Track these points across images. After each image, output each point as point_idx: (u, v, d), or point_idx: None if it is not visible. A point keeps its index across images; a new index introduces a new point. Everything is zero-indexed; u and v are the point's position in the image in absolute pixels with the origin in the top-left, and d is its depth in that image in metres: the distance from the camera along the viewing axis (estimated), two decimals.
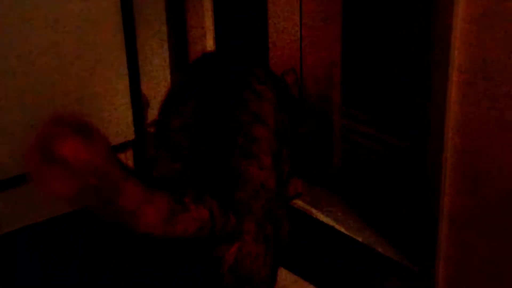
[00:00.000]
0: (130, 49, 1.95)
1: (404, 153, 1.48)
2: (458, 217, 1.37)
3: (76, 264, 1.75)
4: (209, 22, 1.91)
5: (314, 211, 1.66)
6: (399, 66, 1.45)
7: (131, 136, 1.99)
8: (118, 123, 1.96)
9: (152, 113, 2.03)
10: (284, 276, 1.74)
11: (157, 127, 1.44)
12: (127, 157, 2.03)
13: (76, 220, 1.91)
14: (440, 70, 1.28)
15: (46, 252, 1.80)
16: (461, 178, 1.34)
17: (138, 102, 2.01)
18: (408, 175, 1.48)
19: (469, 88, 1.27)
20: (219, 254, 1.15)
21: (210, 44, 1.93)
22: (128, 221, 1.01)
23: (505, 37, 1.19)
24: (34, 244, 1.84)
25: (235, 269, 1.17)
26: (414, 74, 1.41)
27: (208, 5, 1.89)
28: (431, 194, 1.38)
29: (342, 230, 1.59)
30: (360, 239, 1.55)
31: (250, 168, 1.20)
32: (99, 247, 1.79)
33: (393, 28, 1.46)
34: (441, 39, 1.26)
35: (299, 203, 1.69)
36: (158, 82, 2.04)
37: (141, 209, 1.00)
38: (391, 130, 1.51)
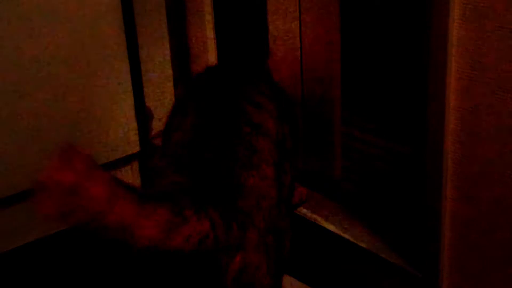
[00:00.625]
0: (134, 63, 1.97)
1: (405, 159, 1.49)
2: (461, 222, 1.37)
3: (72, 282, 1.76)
4: (210, 33, 1.93)
5: (318, 218, 1.67)
6: (397, 73, 1.47)
7: (136, 148, 2.01)
8: (124, 135, 1.98)
9: (157, 125, 2.06)
10: (290, 283, 1.75)
11: (162, 140, 1.45)
12: (133, 169, 2.05)
13: (70, 239, 1.92)
14: (438, 77, 1.29)
15: (44, 270, 1.82)
16: (462, 183, 1.34)
17: (143, 114, 2.03)
18: (410, 181, 1.49)
19: (466, 94, 1.28)
20: (222, 264, 1.16)
21: (212, 52, 1.95)
22: (123, 237, 1.02)
23: (502, 43, 1.20)
24: (30, 263, 1.86)
25: (238, 279, 1.18)
26: (412, 81, 1.42)
27: (209, 18, 1.91)
28: (432, 199, 1.39)
29: (346, 236, 1.59)
30: (364, 245, 1.56)
31: (251, 179, 1.21)
32: (94, 265, 1.81)
33: (389, 36, 1.47)
34: (438, 46, 1.27)
35: (303, 210, 1.70)
36: (161, 94, 2.06)
37: (136, 223, 1.01)
38: (392, 136, 1.53)
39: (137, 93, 1.99)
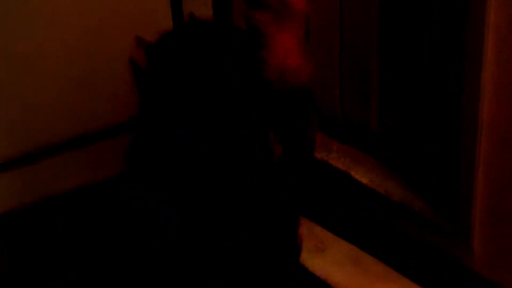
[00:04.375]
0: None
1: (440, 114, 1.50)
2: (494, 176, 1.39)
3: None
4: None
5: (352, 172, 1.69)
6: (436, 27, 1.47)
7: None
8: None
9: None
10: (324, 236, 1.79)
11: None
12: None
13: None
14: (475, 33, 1.30)
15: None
16: (496, 138, 1.35)
17: None
18: (444, 135, 1.50)
19: (503, 47, 1.28)
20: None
21: None
22: None
23: None
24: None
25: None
26: (448, 34, 1.43)
27: None
28: (466, 153, 1.40)
29: (379, 190, 1.62)
30: (396, 199, 1.58)
31: None
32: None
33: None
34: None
35: (338, 164, 1.73)
36: None
37: None
38: (426, 92, 1.53)
39: None
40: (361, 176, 1.67)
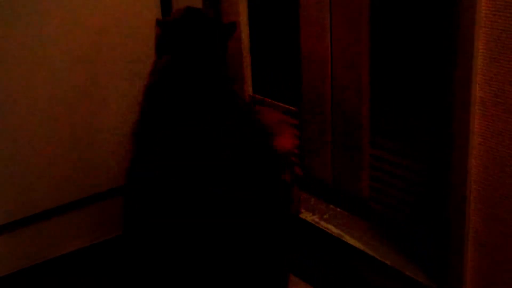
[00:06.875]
0: None
1: (430, 180, 1.53)
2: (485, 241, 1.40)
3: None
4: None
5: (343, 235, 1.71)
6: (423, 95, 1.51)
7: None
8: None
9: None
10: None
11: None
12: None
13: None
14: (463, 102, 1.34)
15: None
16: (485, 204, 1.38)
17: None
18: (435, 200, 1.53)
19: (491, 116, 1.32)
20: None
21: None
22: None
23: None
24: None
25: None
26: (436, 106, 1.47)
27: None
28: (456, 219, 1.43)
29: (371, 253, 1.64)
30: (388, 262, 1.60)
31: None
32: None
33: (414, 54, 1.52)
34: (462, 76, 1.33)
35: (330, 228, 1.75)
36: None
37: None
38: (418, 157, 1.56)
39: None
40: (354, 240, 1.69)
